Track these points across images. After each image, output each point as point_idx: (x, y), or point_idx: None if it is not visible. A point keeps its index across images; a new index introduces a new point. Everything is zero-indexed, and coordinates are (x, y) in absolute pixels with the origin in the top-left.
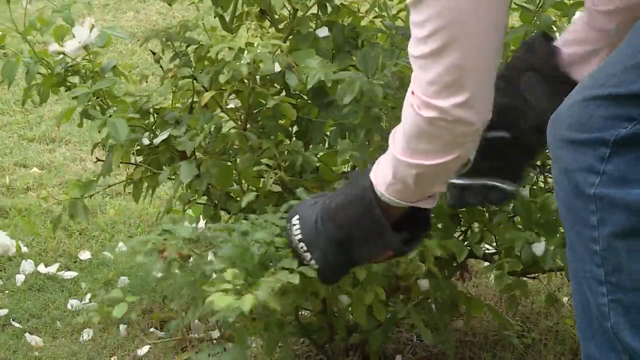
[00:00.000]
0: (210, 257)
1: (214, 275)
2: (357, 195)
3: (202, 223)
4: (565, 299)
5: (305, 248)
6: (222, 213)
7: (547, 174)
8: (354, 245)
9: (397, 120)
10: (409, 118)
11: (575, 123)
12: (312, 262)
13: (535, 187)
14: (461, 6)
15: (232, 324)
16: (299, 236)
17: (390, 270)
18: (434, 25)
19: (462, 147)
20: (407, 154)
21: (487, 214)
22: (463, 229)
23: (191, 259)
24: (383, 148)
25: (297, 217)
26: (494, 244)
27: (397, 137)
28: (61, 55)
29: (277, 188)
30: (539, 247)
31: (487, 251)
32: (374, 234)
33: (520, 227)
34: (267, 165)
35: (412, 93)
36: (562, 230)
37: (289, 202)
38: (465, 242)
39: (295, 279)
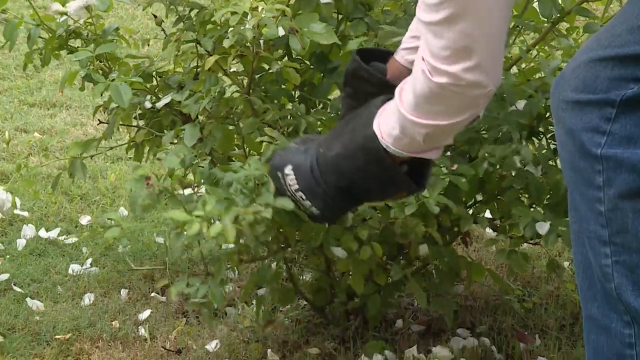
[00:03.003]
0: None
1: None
2: (359, 145)
3: (203, 188)
4: (566, 264)
5: (304, 196)
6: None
7: (551, 141)
8: (361, 192)
9: None
10: (419, 82)
11: (581, 84)
12: (313, 209)
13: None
14: None
15: (212, 258)
16: (296, 186)
17: (389, 230)
18: None
19: (475, 107)
20: (416, 113)
21: (496, 191)
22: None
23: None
24: None
25: (290, 167)
26: (497, 215)
27: (406, 96)
28: (63, 17)
29: None
30: (543, 227)
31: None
32: (385, 181)
33: (527, 204)
34: (269, 136)
35: (422, 59)
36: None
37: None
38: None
39: (268, 213)
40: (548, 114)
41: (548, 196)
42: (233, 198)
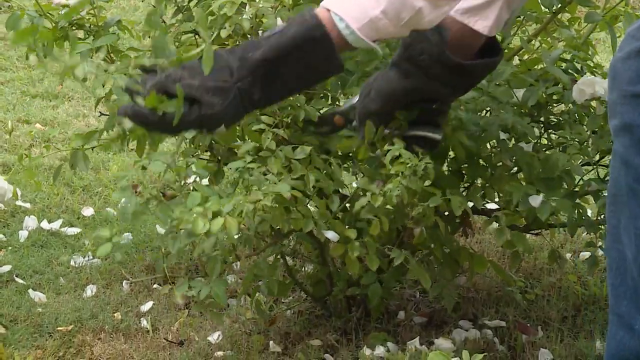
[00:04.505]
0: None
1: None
2: (290, 38)
3: (205, 180)
4: (568, 255)
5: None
6: (226, 169)
7: (551, 130)
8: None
9: None
10: None
11: (635, 76)
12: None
13: (539, 143)
14: None
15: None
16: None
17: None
18: None
19: None
20: None
21: (489, 170)
22: (466, 185)
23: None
24: None
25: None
26: (497, 200)
27: None
28: (65, 9)
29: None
30: (536, 200)
31: (490, 208)
32: (316, 63)
33: (523, 182)
34: (266, 124)
35: None
36: (565, 187)
37: None
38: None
39: (268, 201)
40: (548, 103)
41: (540, 170)
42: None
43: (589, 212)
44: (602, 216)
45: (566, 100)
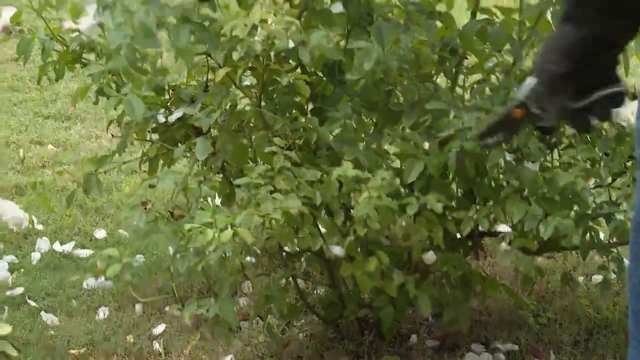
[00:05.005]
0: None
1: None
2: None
3: (218, 200)
4: (580, 278)
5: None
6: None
7: (562, 150)
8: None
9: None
10: None
11: None
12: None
13: (546, 161)
14: None
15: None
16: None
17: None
18: None
19: None
20: None
21: (497, 190)
22: (477, 207)
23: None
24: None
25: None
26: (510, 223)
27: None
28: (76, 33)
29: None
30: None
31: (502, 230)
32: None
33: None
34: (278, 146)
35: None
36: (576, 209)
37: None
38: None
39: (277, 214)
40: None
41: (546, 191)
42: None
43: (602, 235)
44: (614, 239)
45: None
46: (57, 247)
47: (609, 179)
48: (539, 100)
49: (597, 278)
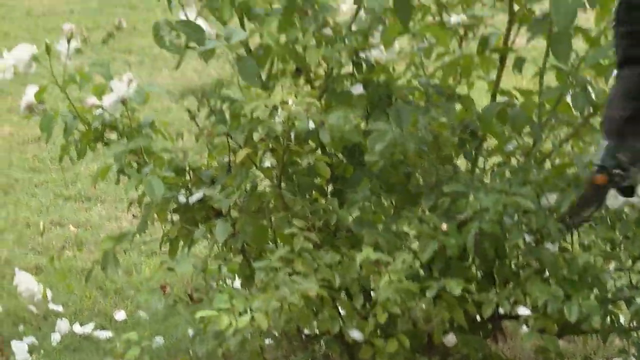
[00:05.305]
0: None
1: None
2: None
3: (237, 282)
4: None
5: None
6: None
7: (582, 231)
8: None
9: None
10: None
11: None
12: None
13: (567, 242)
14: None
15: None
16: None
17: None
18: None
19: None
20: None
21: (517, 272)
22: (497, 289)
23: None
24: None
25: None
26: (528, 304)
27: None
28: (99, 110)
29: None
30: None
31: (522, 313)
32: None
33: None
34: (298, 227)
35: None
36: (596, 291)
37: None
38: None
39: (295, 299)
40: None
41: (566, 271)
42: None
43: (622, 319)
44: (634, 323)
45: None
46: (77, 328)
47: (629, 262)
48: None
49: None
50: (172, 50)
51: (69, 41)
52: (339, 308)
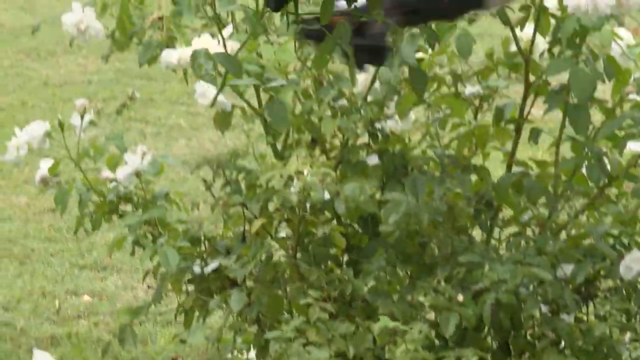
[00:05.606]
0: None
1: None
2: None
3: (252, 352)
4: None
5: None
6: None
7: (597, 302)
8: None
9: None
10: None
11: None
12: None
13: (582, 314)
14: None
15: None
16: None
17: None
18: None
19: None
20: None
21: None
22: None
23: None
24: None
25: None
26: None
27: None
28: (114, 183)
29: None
30: None
31: None
32: None
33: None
34: (313, 297)
35: None
36: None
37: None
38: None
39: None
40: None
41: (582, 343)
42: None
43: None
44: None
45: (614, 276)
46: None
47: None
48: None
49: None
50: (208, 80)
51: (82, 117)
52: None
